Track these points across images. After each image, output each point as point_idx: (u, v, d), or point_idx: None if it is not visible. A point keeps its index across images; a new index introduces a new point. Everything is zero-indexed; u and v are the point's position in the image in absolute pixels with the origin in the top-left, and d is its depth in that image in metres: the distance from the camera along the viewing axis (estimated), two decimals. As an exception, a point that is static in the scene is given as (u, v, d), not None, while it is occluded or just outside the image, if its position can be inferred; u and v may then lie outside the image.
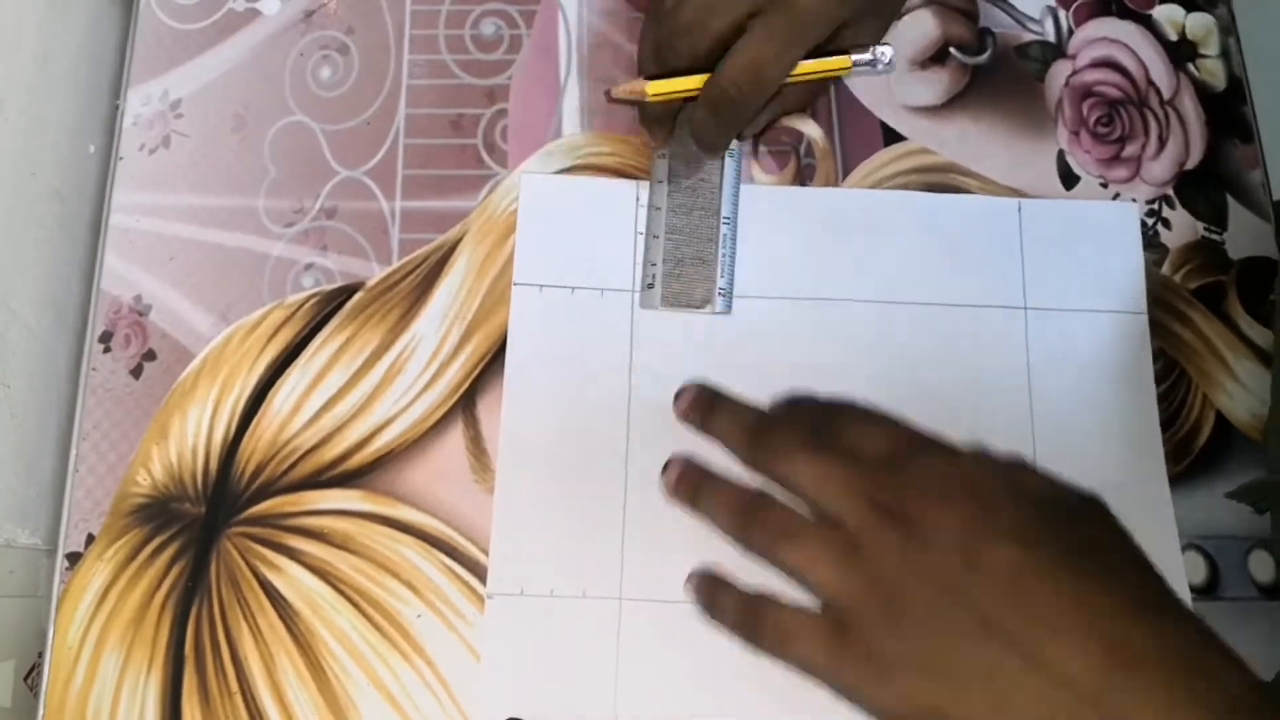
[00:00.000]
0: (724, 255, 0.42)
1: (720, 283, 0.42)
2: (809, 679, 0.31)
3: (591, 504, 0.40)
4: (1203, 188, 0.45)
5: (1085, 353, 0.42)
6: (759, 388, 0.37)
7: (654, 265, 0.42)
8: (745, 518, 0.33)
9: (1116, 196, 0.44)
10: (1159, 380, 0.42)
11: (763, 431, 0.35)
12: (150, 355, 0.42)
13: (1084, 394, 0.41)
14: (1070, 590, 0.28)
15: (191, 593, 0.39)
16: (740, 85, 0.38)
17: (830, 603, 0.31)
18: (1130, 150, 0.45)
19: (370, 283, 0.43)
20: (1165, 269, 0.44)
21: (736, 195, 0.43)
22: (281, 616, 0.39)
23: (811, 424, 0.35)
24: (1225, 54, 0.47)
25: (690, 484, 0.36)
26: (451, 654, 0.38)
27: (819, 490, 0.32)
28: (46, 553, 0.42)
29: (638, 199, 0.43)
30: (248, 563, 0.39)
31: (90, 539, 0.39)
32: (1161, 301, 0.43)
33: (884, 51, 0.40)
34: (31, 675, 0.42)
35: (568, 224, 0.43)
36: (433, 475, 0.40)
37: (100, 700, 0.38)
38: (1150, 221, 0.44)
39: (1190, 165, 0.45)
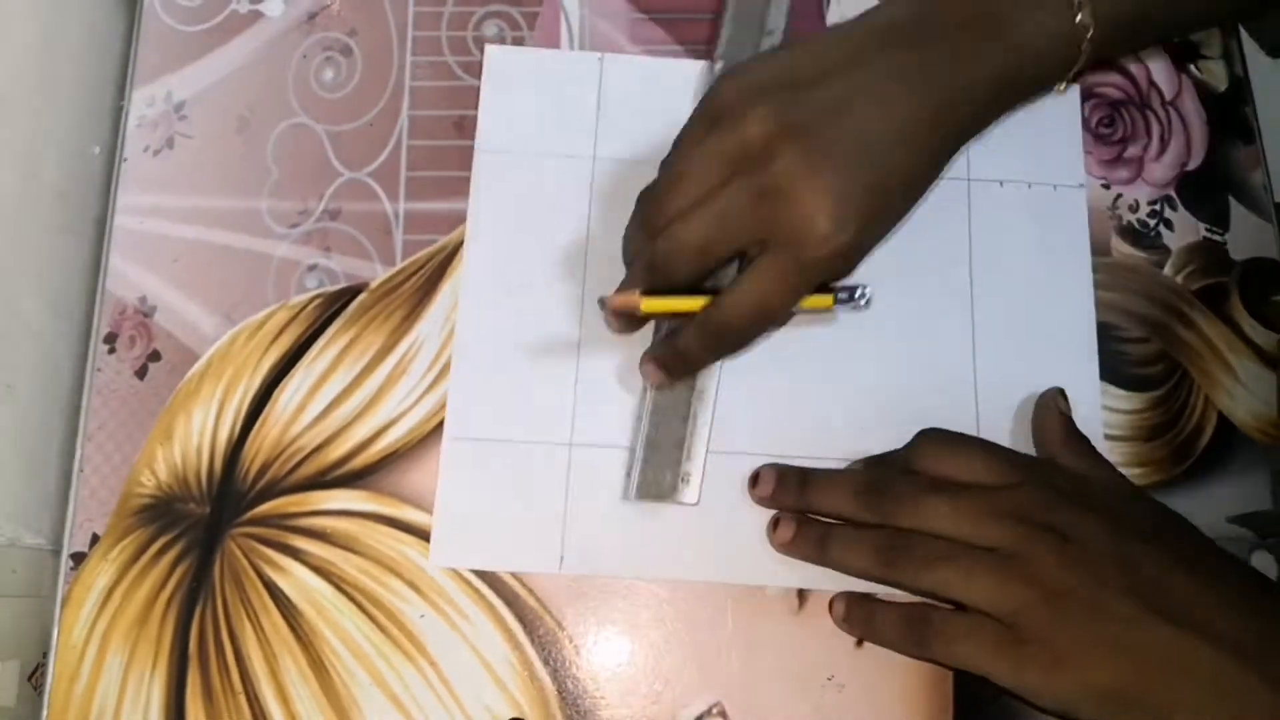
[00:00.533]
0: (691, 435, 0.40)
1: (685, 466, 0.40)
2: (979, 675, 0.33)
3: (546, 355, 0.41)
4: (1204, 189, 0.45)
5: (1025, 223, 0.43)
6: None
7: (633, 451, 0.40)
8: (890, 552, 0.35)
9: (1119, 198, 0.44)
10: (1161, 382, 0.42)
11: (876, 489, 0.36)
12: (155, 356, 0.42)
13: (1022, 265, 0.42)
14: (1208, 575, 0.33)
15: (195, 593, 0.39)
16: (745, 320, 0.36)
17: (992, 614, 0.33)
18: (1132, 151, 0.45)
19: (374, 284, 0.43)
20: (1167, 270, 0.44)
21: (717, 371, 0.41)
22: (285, 616, 0.39)
23: (924, 461, 0.37)
24: (1226, 55, 0.47)
25: (815, 536, 0.37)
26: (454, 654, 0.38)
27: (958, 524, 0.34)
28: (51, 553, 0.43)
29: (600, 70, 0.45)
30: (251, 563, 0.39)
31: (95, 539, 0.40)
32: (1163, 303, 0.43)
33: (864, 291, 0.37)
34: (36, 675, 0.42)
35: (531, 93, 0.44)
36: (436, 476, 0.40)
37: (104, 700, 0.38)
38: (1152, 223, 0.44)
39: (1192, 166, 0.45)
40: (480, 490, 0.40)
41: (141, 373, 0.42)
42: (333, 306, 0.42)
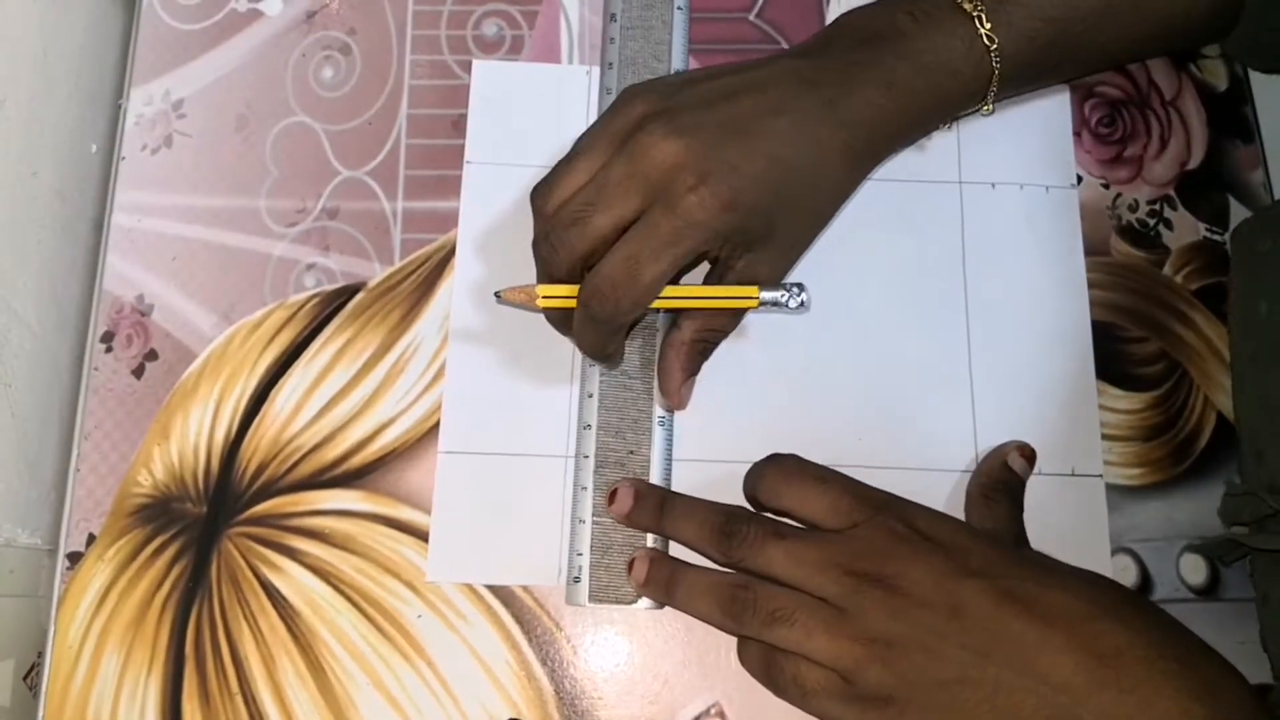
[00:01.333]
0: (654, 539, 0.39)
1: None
2: None
3: (541, 368, 0.41)
4: (1204, 188, 0.45)
5: (1018, 225, 0.43)
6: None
7: (579, 555, 0.39)
8: (731, 605, 0.35)
9: (1119, 197, 0.44)
10: (1160, 382, 0.42)
11: (723, 530, 0.36)
12: (152, 355, 0.42)
13: (1016, 266, 0.42)
14: (1045, 607, 0.32)
15: (192, 593, 0.39)
16: (614, 282, 0.34)
17: (833, 667, 0.33)
18: (1132, 151, 0.45)
19: (372, 283, 0.43)
20: (1167, 269, 0.44)
21: (668, 467, 0.40)
22: (282, 617, 0.39)
23: (763, 495, 0.37)
24: (1226, 55, 0.47)
25: (663, 578, 0.37)
26: (452, 655, 0.38)
27: (796, 573, 0.34)
28: (47, 552, 0.42)
29: (589, 80, 0.45)
30: (248, 563, 0.39)
31: (91, 539, 0.39)
32: (1163, 302, 0.43)
33: (795, 292, 0.36)
34: (31, 675, 0.42)
35: (519, 107, 0.44)
36: (434, 476, 0.40)
37: (100, 700, 0.38)
38: (1152, 222, 0.44)
39: (1192, 166, 0.45)
40: (478, 504, 0.40)
41: (139, 372, 0.41)
42: (331, 305, 0.42)
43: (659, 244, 0.34)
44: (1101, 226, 0.44)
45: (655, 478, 0.39)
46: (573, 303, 0.36)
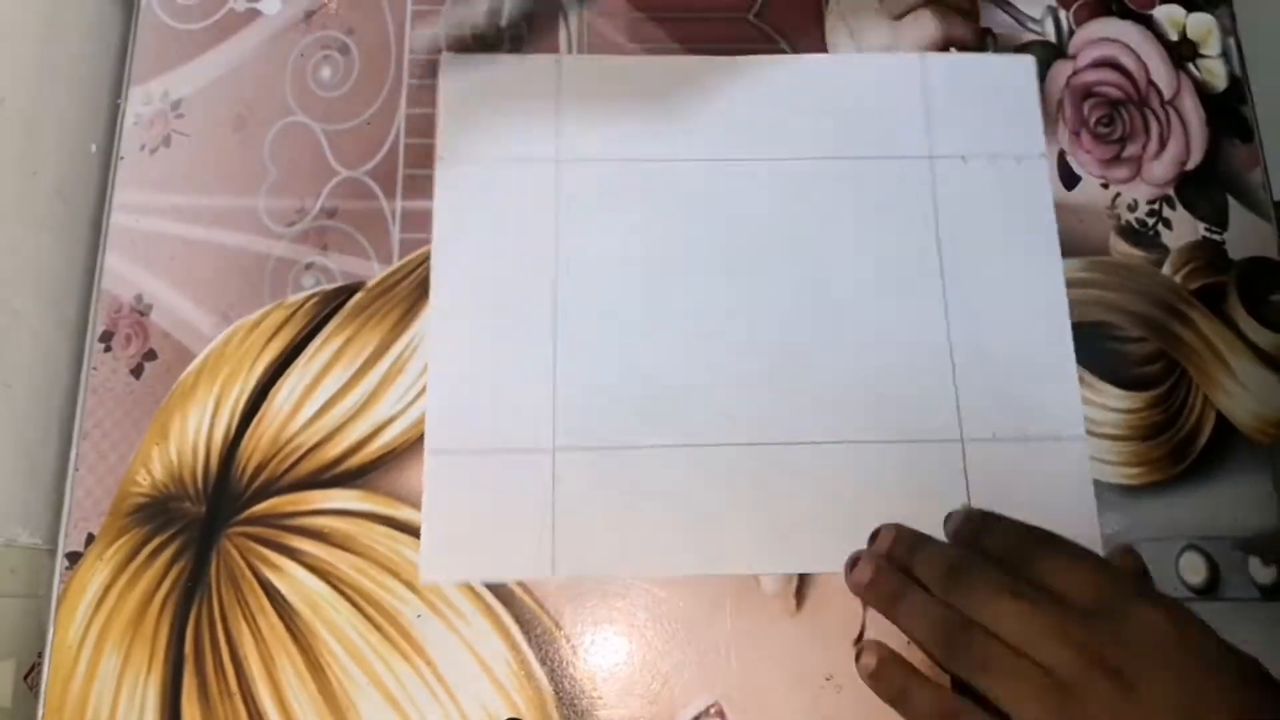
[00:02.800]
0: None
1: None
2: None
3: (521, 360, 0.41)
4: (1203, 188, 0.45)
5: (989, 196, 0.44)
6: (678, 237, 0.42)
7: None
8: (949, 639, 0.34)
9: (1118, 197, 0.44)
10: (1159, 381, 0.42)
11: (961, 570, 0.35)
12: (151, 355, 0.42)
13: (989, 238, 0.43)
14: None
15: (191, 592, 0.39)
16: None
17: None
18: (1131, 150, 0.45)
19: (371, 283, 0.43)
20: (1166, 269, 0.44)
21: None
22: (281, 616, 0.39)
23: (1012, 557, 0.35)
24: (1226, 54, 0.47)
25: (890, 589, 0.36)
26: (451, 654, 0.38)
27: (1025, 636, 0.32)
28: (47, 552, 0.42)
29: (558, 73, 0.45)
30: (248, 562, 0.39)
31: (90, 538, 0.39)
32: (1162, 302, 0.43)
33: None
34: (31, 674, 0.42)
35: (489, 100, 0.44)
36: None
37: (100, 700, 0.38)
38: (1151, 222, 0.44)
39: (1191, 165, 0.45)
40: (466, 502, 0.40)
41: (137, 371, 0.41)
42: (329, 305, 0.42)
43: None
44: (1101, 226, 0.44)
45: None
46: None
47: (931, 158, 0.44)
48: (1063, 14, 0.47)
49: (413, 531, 0.40)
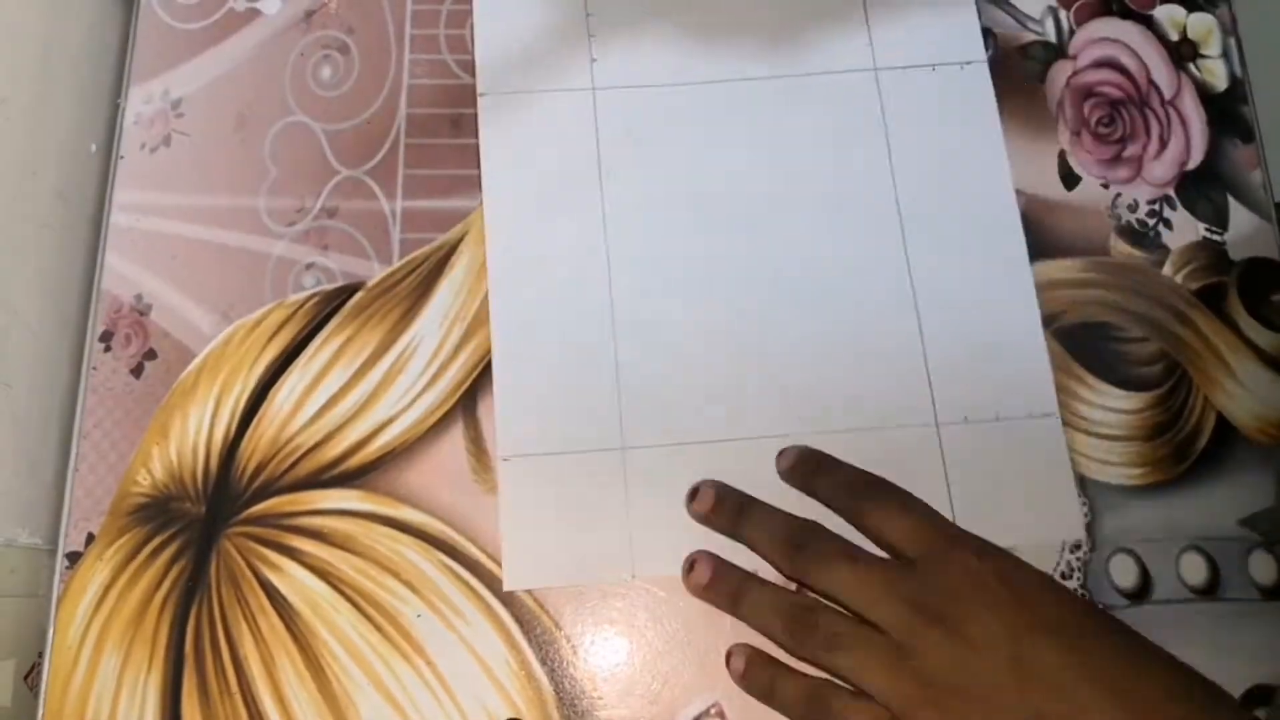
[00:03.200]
0: None
1: None
2: None
3: (585, 362, 0.41)
4: (1204, 188, 0.45)
5: (934, 105, 0.44)
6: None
7: None
8: (793, 625, 0.35)
9: (1118, 197, 0.44)
10: (1160, 382, 0.42)
11: (798, 543, 0.36)
12: (151, 354, 0.42)
13: (938, 145, 0.43)
14: (1113, 682, 0.30)
15: (191, 592, 0.39)
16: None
17: (886, 704, 0.32)
18: (1131, 150, 0.45)
19: (371, 282, 0.43)
20: (1166, 270, 0.44)
21: None
22: (281, 616, 0.39)
23: (843, 506, 0.36)
24: (1226, 54, 0.47)
25: (729, 589, 0.37)
26: (451, 654, 0.38)
27: (860, 598, 0.34)
28: (47, 552, 0.42)
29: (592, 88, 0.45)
30: (248, 562, 0.39)
31: (90, 538, 0.39)
32: (1162, 302, 0.43)
33: None
34: (31, 675, 0.42)
35: (531, 133, 0.44)
36: (433, 475, 0.40)
37: (100, 700, 0.38)
38: (1152, 222, 0.44)
39: (1191, 165, 0.45)
40: (542, 507, 0.40)
41: (137, 371, 0.41)
42: (330, 305, 0.42)
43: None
44: (1101, 226, 0.44)
45: None
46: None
47: (875, 70, 0.44)
48: (1063, 14, 0.47)
49: (413, 531, 0.40)
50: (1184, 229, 0.44)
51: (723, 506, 0.38)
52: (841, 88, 0.44)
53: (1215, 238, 0.44)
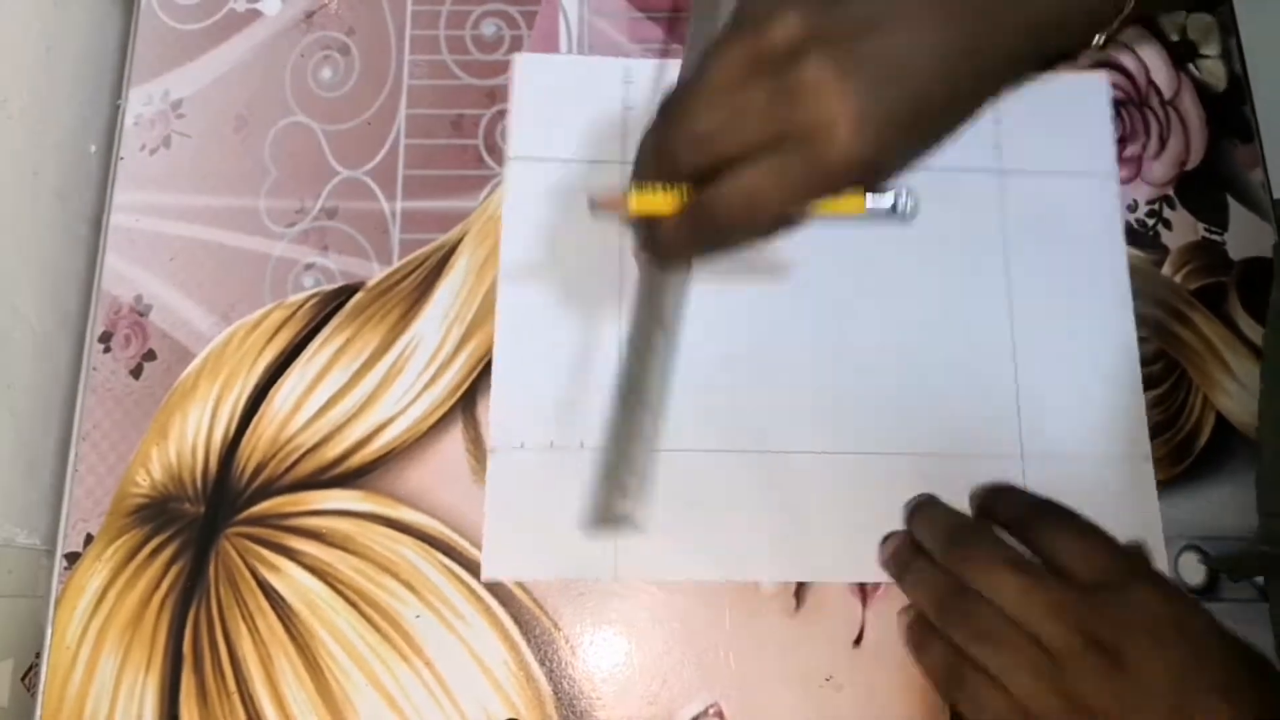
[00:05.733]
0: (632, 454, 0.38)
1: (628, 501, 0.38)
2: None
3: (589, 358, 0.41)
4: (1203, 188, 0.45)
5: (1059, 215, 0.43)
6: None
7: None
8: (946, 605, 0.35)
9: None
10: (1160, 382, 0.42)
11: (963, 536, 0.36)
12: (150, 355, 0.42)
13: (1057, 258, 0.41)
14: None
15: (190, 593, 0.39)
16: (730, 213, 0.32)
17: (1025, 707, 0.32)
18: (1131, 150, 0.45)
19: (371, 283, 0.43)
20: (1166, 269, 0.44)
21: (663, 381, 0.40)
22: (280, 617, 0.39)
23: (1019, 525, 0.36)
24: (1226, 54, 0.47)
25: (901, 560, 0.38)
26: (450, 655, 0.38)
27: (1022, 609, 0.33)
28: (45, 553, 0.42)
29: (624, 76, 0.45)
30: (247, 563, 0.39)
31: (89, 539, 0.39)
32: (1162, 302, 0.43)
33: (907, 197, 0.33)
34: (29, 675, 0.42)
35: (559, 101, 0.44)
36: (432, 476, 0.40)
37: (98, 700, 0.38)
38: (1151, 222, 0.44)
39: (1191, 165, 0.45)
40: (528, 501, 0.40)
41: (137, 372, 0.41)
42: (329, 305, 0.42)
43: (790, 190, 0.31)
44: (1101, 226, 0.44)
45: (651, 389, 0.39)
46: (666, 211, 0.33)
47: (1002, 171, 0.43)
48: (1062, 15, 0.47)
49: (412, 532, 0.39)
50: (1183, 229, 0.44)
51: (913, 511, 0.39)
52: (963, 183, 0.43)
53: (1215, 237, 0.44)
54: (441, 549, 0.39)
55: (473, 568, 0.39)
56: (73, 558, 0.39)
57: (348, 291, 0.42)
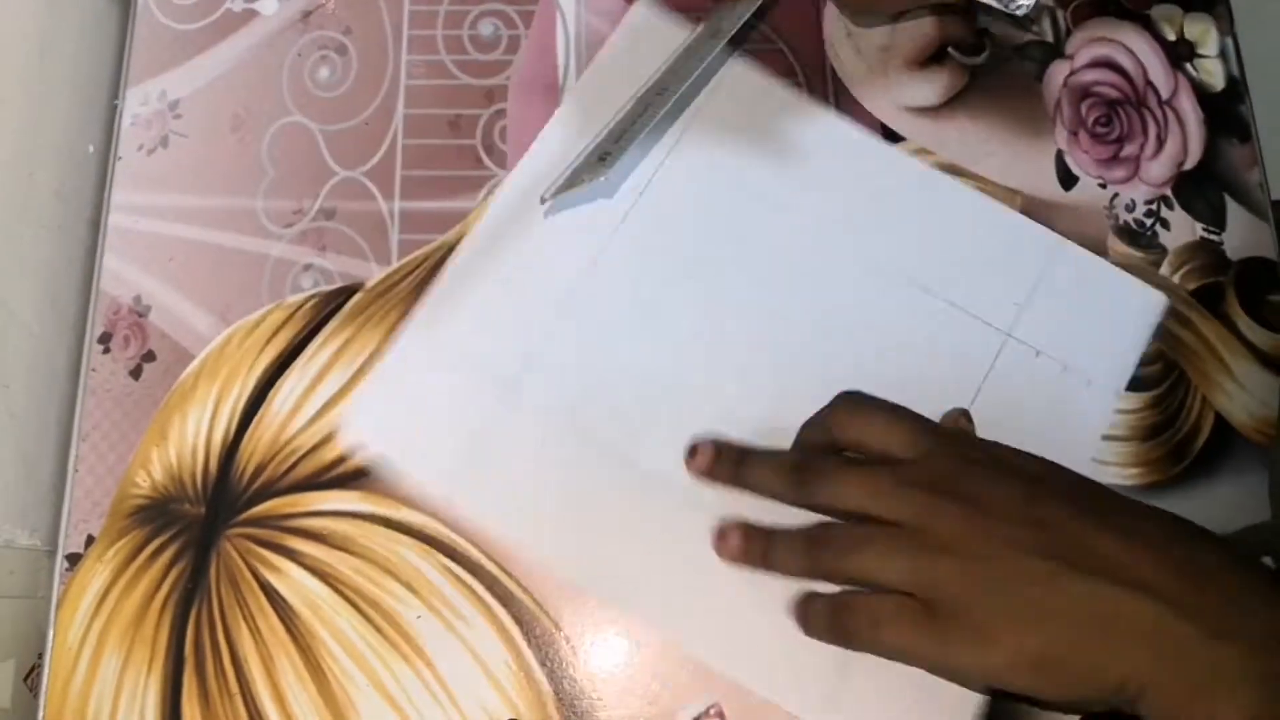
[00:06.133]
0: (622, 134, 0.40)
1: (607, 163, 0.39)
2: (910, 664, 0.33)
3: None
4: (1201, 188, 0.45)
5: (1038, 405, 0.41)
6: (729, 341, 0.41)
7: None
8: (813, 546, 0.35)
9: (1116, 197, 0.44)
10: (1158, 381, 0.42)
11: (801, 468, 0.36)
12: (150, 356, 0.42)
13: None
14: (1131, 530, 0.32)
15: (191, 594, 0.39)
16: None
17: (912, 592, 0.33)
18: (1129, 150, 0.45)
19: (370, 283, 0.43)
20: (1164, 270, 0.44)
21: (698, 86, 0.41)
22: (281, 618, 0.39)
23: (832, 428, 0.37)
24: (1223, 54, 0.47)
25: (759, 550, 0.37)
26: (451, 655, 0.38)
27: (871, 498, 0.34)
28: (46, 554, 0.42)
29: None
30: (247, 564, 0.39)
31: (90, 540, 0.39)
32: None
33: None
34: (31, 676, 0.42)
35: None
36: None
37: (100, 701, 0.38)
38: (1149, 222, 0.44)
39: (1189, 165, 0.45)
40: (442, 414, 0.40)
41: (136, 373, 0.41)
42: (328, 306, 0.42)
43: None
44: (1099, 226, 0.44)
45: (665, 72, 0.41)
46: None
47: (1008, 335, 0.42)
48: (1060, 14, 0.47)
49: (413, 533, 0.40)
50: (1181, 229, 0.44)
51: (723, 457, 0.39)
52: (964, 328, 0.42)
53: (1213, 238, 0.44)
54: (442, 550, 0.39)
55: (473, 569, 0.39)
56: (74, 559, 0.39)
57: (347, 292, 0.42)
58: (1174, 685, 0.29)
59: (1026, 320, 0.42)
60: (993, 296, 0.42)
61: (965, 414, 0.39)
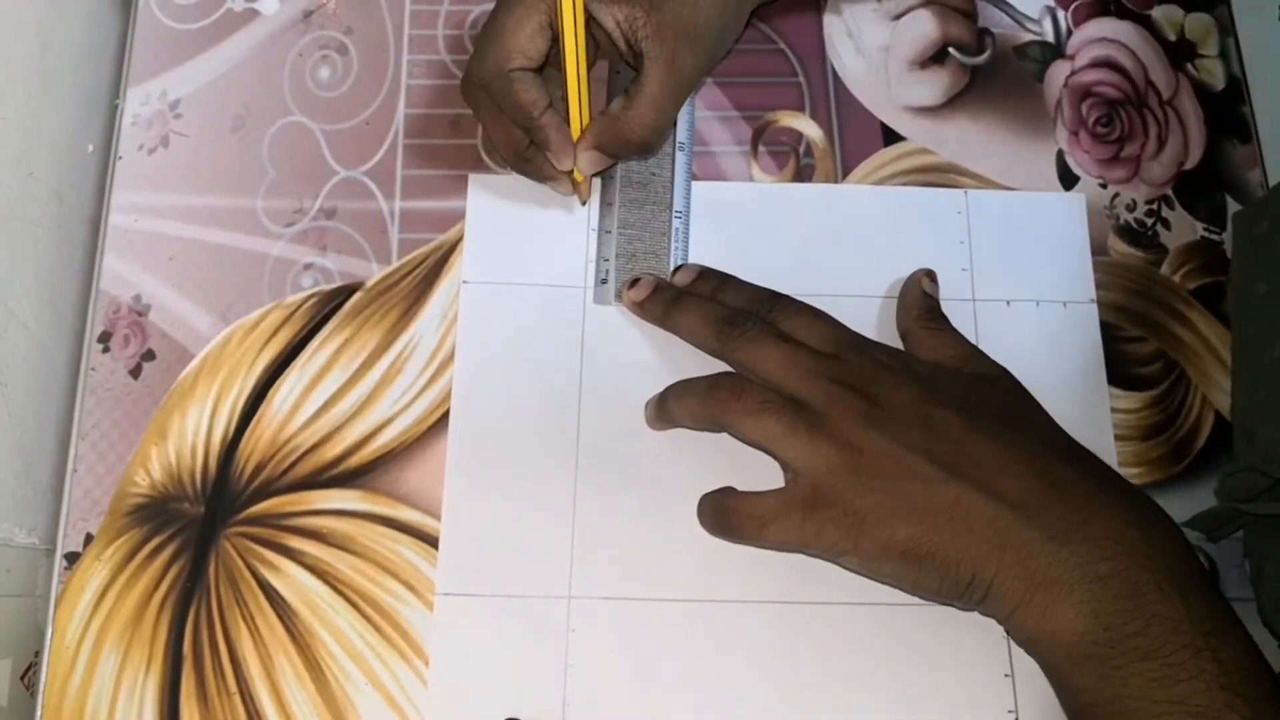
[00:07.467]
0: (676, 249, 0.42)
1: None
2: (785, 552, 0.37)
3: (541, 505, 0.40)
4: (1202, 188, 0.45)
5: (1035, 345, 0.42)
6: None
7: (607, 261, 0.42)
8: (726, 383, 0.37)
9: (1116, 197, 0.44)
10: (1158, 381, 0.42)
11: (730, 321, 0.38)
12: (149, 355, 0.42)
13: (1036, 387, 0.39)
14: (1006, 441, 0.35)
15: (190, 593, 0.39)
16: (646, 130, 0.38)
17: (802, 472, 0.35)
18: (1129, 150, 0.45)
19: (369, 283, 0.43)
20: (1164, 269, 0.44)
21: (688, 189, 0.43)
22: (280, 616, 0.39)
23: (756, 310, 0.39)
24: (1224, 54, 0.47)
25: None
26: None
27: (787, 374, 0.37)
28: (45, 552, 0.42)
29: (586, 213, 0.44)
30: (246, 563, 0.39)
31: (89, 539, 0.39)
32: (1160, 302, 0.43)
33: None
34: (29, 674, 0.42)
35: (518, 221, 0.43)
36: (432, 475, 0.40)
37: (98, 700, 0.38)
38: (1150, 222, 0.44)
39: (1189, 165, 0.45)
40: (478, 645, 0.38)
41: (136, 372, 0.41)
42: (328, 305, 0.42)
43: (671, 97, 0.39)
44: (1100, 226, 0.44)
45: (677, 198, 0.42)
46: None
47: (974, 300, 0.43)
48: (1061, 14, 0.47)
49: (412, 532, 0.40)
50: (1182, 228, 0.44)
51: (659, 295, 0.41)
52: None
53: (1213, 237, 0.44)
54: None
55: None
56: (72, 557, 0.39)
57: (346, 291, 0.42)
58: (1015, 584, 0.33)
59: (980, 279, 0.43)
60: (943, 274, 0.42)
61: (929, 273, 0.42)
